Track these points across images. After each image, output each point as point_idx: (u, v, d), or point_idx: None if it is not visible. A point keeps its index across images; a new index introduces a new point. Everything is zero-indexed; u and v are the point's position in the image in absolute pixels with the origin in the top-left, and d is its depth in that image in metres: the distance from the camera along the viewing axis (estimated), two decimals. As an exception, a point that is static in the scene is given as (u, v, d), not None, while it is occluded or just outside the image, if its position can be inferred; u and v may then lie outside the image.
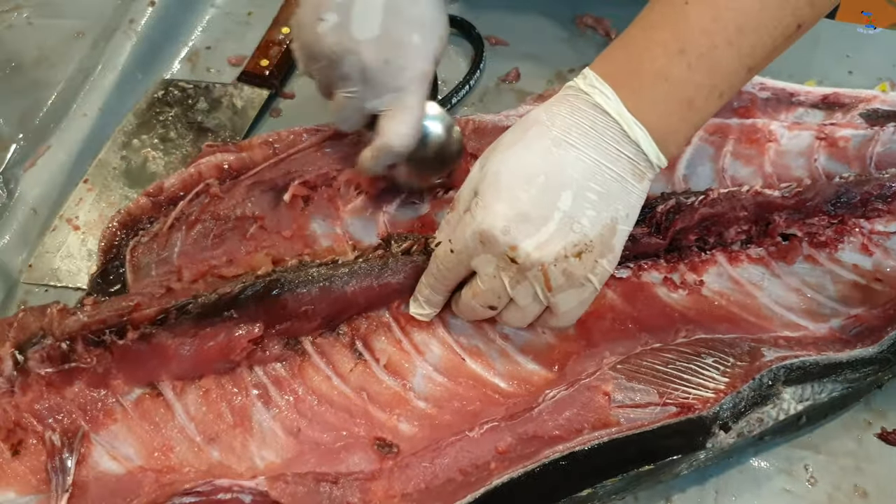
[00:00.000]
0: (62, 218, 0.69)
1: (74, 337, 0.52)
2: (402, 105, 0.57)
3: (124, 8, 0.81)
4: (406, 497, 0.47)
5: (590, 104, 0.50)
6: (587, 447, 0.49)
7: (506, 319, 0.54)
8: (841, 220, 0.65)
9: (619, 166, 0.50)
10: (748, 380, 0.52)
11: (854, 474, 0.56)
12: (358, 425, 0.53)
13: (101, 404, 0.52)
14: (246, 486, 0.48)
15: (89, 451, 0.51)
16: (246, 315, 0.53)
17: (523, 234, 0.49)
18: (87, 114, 0.74)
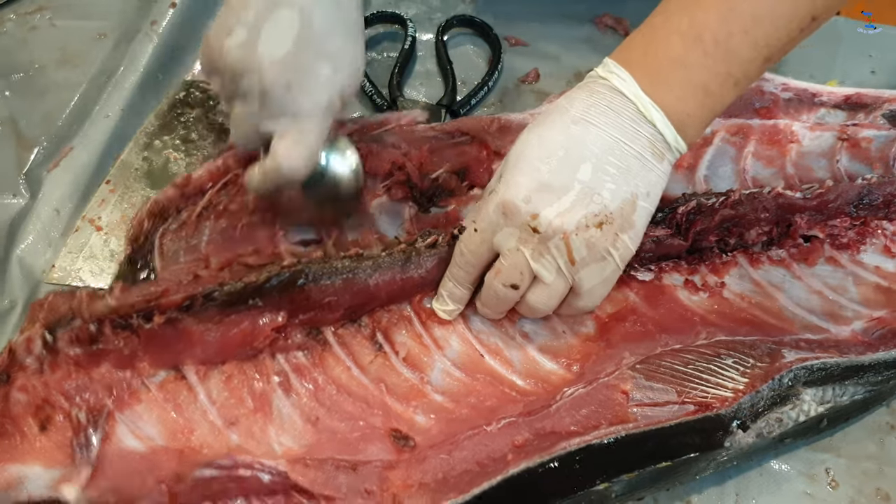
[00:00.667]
0: (85, 219, 0.70)
1: (102, 320, 0.54)
2: (297, 130, 0.55)
3: (146, 9, 0.82)
4: (424, 486, 0.48)
5: (608, 87, 0.52)
6: (604, 441, 0.49)
7: (531, 302, 0.54)
8: (863, 221, 0.65)
9: (637, 144, 0.51)
10: (768, 380, 0.52)
11: (876, 477, 0.57)
12: (375, 416, 0.54)
13: (126, 385, 0.54)
14: (266, 466, 0.49)
15: (113, 430, 0.53)
16: (270, 304, 0.55)
17: (545, 202, 0.51)
18: (109, 115, 0.75)
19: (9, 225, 0.69)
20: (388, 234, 0.64)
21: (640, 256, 0.62)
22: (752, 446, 0.53)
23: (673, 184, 0.68)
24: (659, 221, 0.62)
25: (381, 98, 0.76)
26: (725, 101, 0.53)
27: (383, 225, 0.65)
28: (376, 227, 0.64)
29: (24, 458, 0.50)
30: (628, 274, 0.62)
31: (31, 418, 0.52)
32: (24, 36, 0.82)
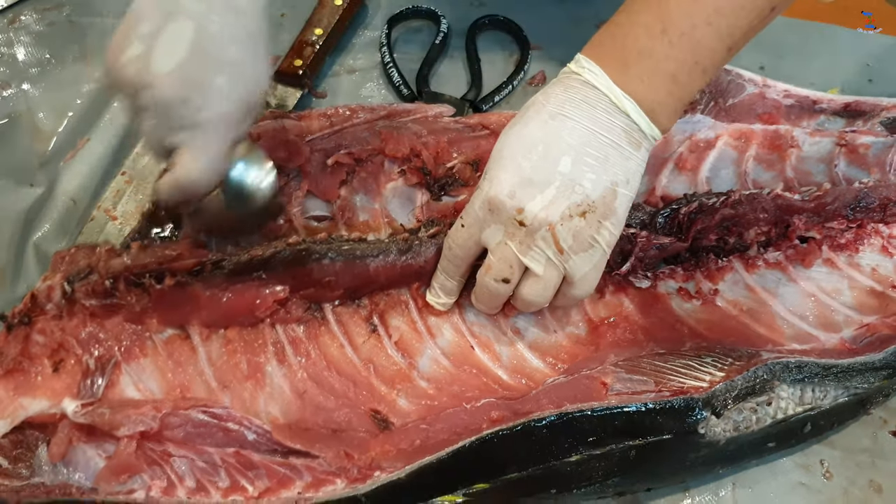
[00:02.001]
0: (100, 208, 0.73)
1: (118, 276, 0.59)
2: (196, 144, 0.56)
3: (161, 7, 0.85)
4: (401, 452, 0.52)
5: (581, 81, 0.56)
6: (577, 412, 0.53)
7: (525, 295, 0.56)
8: (860, 224, 0.68)
9: (613, 134, 0.55)
10: (743, 372, 0.55)
11: (869, 470, 0.60)
12: (360, 395, 0.58)
13: (135, 338, 0.59)
14: (254, 424, 0.55)
15: (118, 379, 0.58)
16: (274, 277, 0.59)
17: (528, 196, 0.54)
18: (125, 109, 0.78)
19: (25, 214, 0.73)
20: (399, 218, 0.68)
21: (644, 262, 0.65)
22: (733, 443, 0.56)
23: (676, 185, 0.72)
24: (662, 221, 0.65)
25: (407, 89, 0.80)
26: (694, 89, 0.56)
27: (395, 209, 0.68)
28: (387, 211, 0.68)
29: (34, 392, 0.56)
30: (626, 280, 0.65)
31: (46, 359, 0.57)
32: (42, 31, 0.85)
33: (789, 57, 0.82)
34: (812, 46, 0.83)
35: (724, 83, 0.77)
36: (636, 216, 0.66)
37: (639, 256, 0.64)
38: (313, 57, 0.81)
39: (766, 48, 0.83)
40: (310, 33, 0.83)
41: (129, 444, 0.53)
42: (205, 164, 0.56)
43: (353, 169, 0.69)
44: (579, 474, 0.54)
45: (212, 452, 0.55)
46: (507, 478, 0.52)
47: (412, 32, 0.87)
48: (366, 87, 0.82)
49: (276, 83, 0.81)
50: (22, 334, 0.58)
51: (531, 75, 0.83)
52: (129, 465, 0.53)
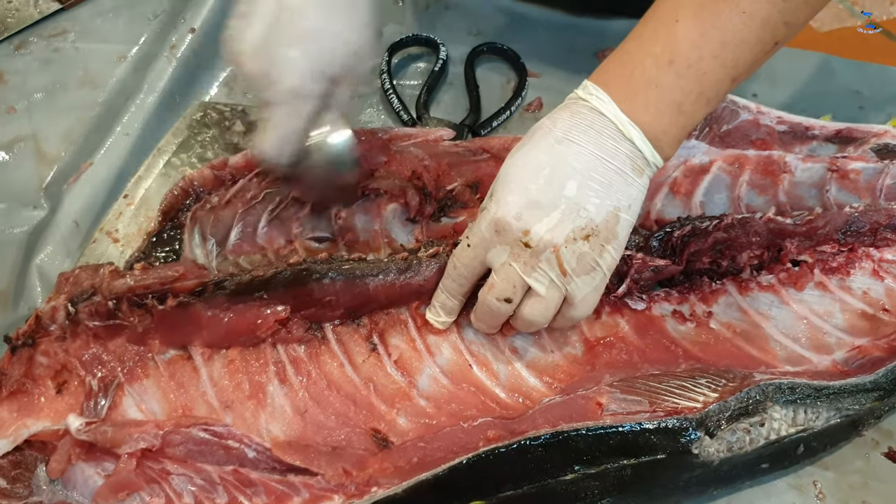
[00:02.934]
0: (102, 231, 0.76)
1: (121, 297, 0.61)
2: (271, 118, 0.61)
3: (165, 34, 0.89)
4: (399, 469, 0.54)
5: (588, 108, 0.58)
6: (572, 431, 0.55)
7: (527, 315, 0.58)
8: (851, 247, 0.70)
9: (618, 161, 0.57)
10: (736, 393, 0.57)
11: (862, 491, 0.61)
12: (360, 414, 0.60)
13: (138, 359, 0.61)
14: (254, 442, 0.56)
15: (121, 400, 0.60)
16: (275, 297, 0.61)
17: (534, 218, 0.56)
18: (128, 133, 0.82)
19: (28, 236, 0.75)
20: (400, 238, 0.71)
21: (639, 284, 0.67)
22: (727, 463, 0.57)
23: (671, 208, 0.74)
24: (655, 244, 0.67)
25: (407, 114, 0.84)
26: (697, 118, 0.59)
27: (395, 230, 0.71)
28: (387, 231, 0.71)
29: (38, 414, 0.58)
30: (622, 301, 0.67)
31: (49, 381, 0.59)
32: (47, 57, 0.88)
33: (781, 85, 0.85)
34: (804, 75, 0.86)
35: (719, 110, 0.80)
36: (632, 239, 0.68)
37: (634, 278, 0.66)
38: (314, 83, 0.83)
39: (758, 76, 0.86)
40: (311, 60, 0.85)
41: (128, 462, 0.55)
42: (274, 140, 0.61)
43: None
44: (574, 493, 0.55)
45: (210, 471, 0.56)
46: (503, 495, 0.54)
47: (412, 60, 0.90)
48: (366, 112, 0.85)
49: (277, 108, 0.83)
50: (26, 356, 0.60)
51: (528, 101, 0.86)
52: (128, 483, 0.54)
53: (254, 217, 0.71)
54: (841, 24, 1.01)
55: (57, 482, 0.55)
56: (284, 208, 0.71)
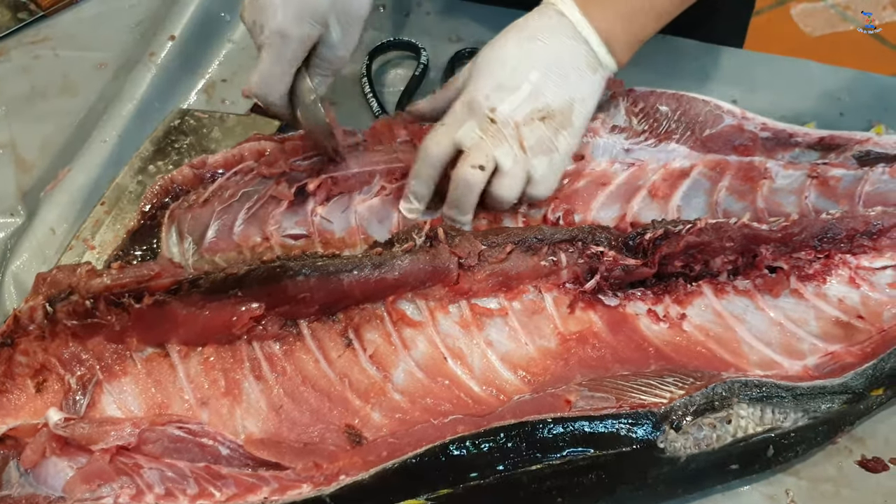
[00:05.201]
0: (79, 238, 0.81)
1: (98, 296, 0.65)
2: (259, 58, 0.73)
3: (145, 42, 0.94)
4: (368, 463, 0.58)
5: (555, 10, 0.75)
6: (537, 421, 0.59)
7: (497, 190, 0.73)
8: (827, 254, 0.74)
9: (576, 59, 0.74)
10: (702, 389, 0.62)
11: (834, 500, 0.65)
12: (334, 410, 0.64)
13: (116, 357, 0.66)
14: (227, 439, 0.61)
15: (99, 398, 0.64)
16: (250, 294, 0.66)
17: (500, 99, 0.73)
18: (106, 140, 0.86)
19: (4, 243, 0.80)
20: (376, 235, 0.76)
21: (610, 281, 0.71)
22: (694, 461, 0.61)
23: (648, 212, 0.79)
24: (627, 245, 0.71)
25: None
26: (648, 30, 0.76)
27: (371, 226, 0.77)
28: (363, 228, 0.76)
29: (17, 413, 0.63)
30: (595, 297, 0.71)
31: (28, 379, 0.64)
32: (27, 64, 0.93)
33: (762, 91, 0.88)
34: (783, 80, 0.90)
35: (702, 114, 0.84)
36: (604, 237, 0.72)
37: (604, 275, 0.72)
38: (292, 89, 0.87)
39: (739, 81, 0.90)
40: (290, 67, 0.89)
41: (102, 456, 0.59)
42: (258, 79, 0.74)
43: (332, 190, 0.78)
44: (539, 485, 0.59)
45: (182, 467, 0.60)
46: (468, 484, 0.58)
47: (392, 65, 0.94)
48: (345, 119, 0.88)
49: (254, 115, 0.87)
50: (5, 356, 0.65)
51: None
52: (100, 474, 0.59)
53: (231, 215, 0.76)
54: (832, 28, 1.04)
55: (28, 475, 0.59)
56: (261, 206, 0.77)
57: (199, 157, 0.79)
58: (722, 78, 0.92)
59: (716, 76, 0.93)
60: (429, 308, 0.70)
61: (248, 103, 0.90)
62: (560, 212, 0.79)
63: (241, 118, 0.89)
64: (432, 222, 0.75)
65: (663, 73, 0.90)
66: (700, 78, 0.93)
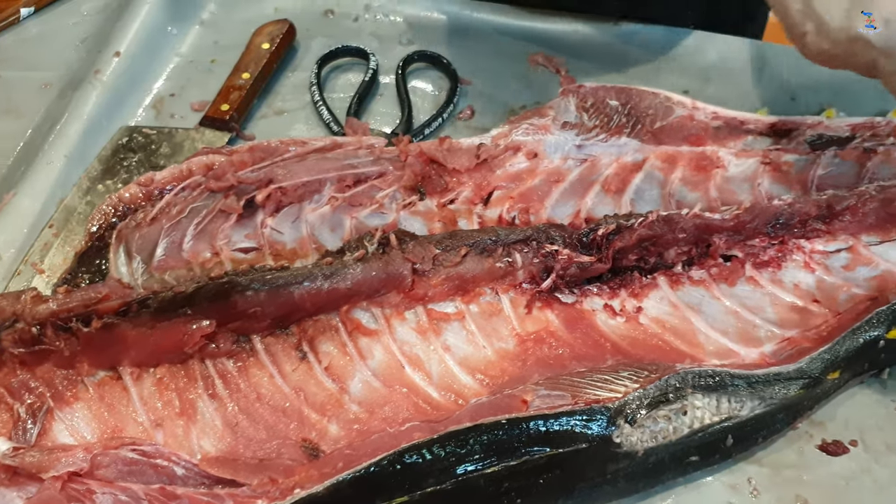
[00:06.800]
0: (27, 262, 0.80)
1: (44, 322, 0.65)
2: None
3: (90, 59, 0.94)
4: (325, 475, 0.58)
5: None
6: (491, 423, 0.59)
7: None
8: (781, 240, 0.75)
9: None
10: (656, 381, 0.62)
11: (796, 485, 0.66)
12: (290, 425, 0.65)
13: (66, 383, 0.66)
14: (182, 459, 0.61)
15: (51, 425, 0.64)
16: (200, 312, 0.66)
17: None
18: (52, 161, 0.86)
19: (-49, 271, 0.78)
20: (329, 244, 0.76)
21: (566, 280, 0.72)
22: (653, 454, 0.62)
23: (601, 207, 0.80)
24: (580, 242, 0.72)
25: (338, 125, 0.90)
26: None
27: (323, 236, 0.77)
28: (315, 238, 0.77)
29: None
30: (552, 296, 0.72)
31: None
32: (-30, 86, 0.92)
33: (714, 80, 0.90)
34: (735, 66, 0.91)
35: (652, 106, 0.86)
36: (558, 235, 0.73)
37: (560, 273, 0.73)
38: (241, 100, 0.89)
39: (689, 71, 0.91)
40: (237, 78, 0.91)
41: (52, 484, 0.59)
42: None
43: (281, 201, 0.78)
44: (497, 488, 0.60)
45: (136, 489, 0.60)
46: (424, 492, 0.58)
47: (342, 71, 0.95)
48: (295, 127, 0.91)
49: (203, 129, 0.88)
50: (-50, 388, 0.65)
51: (460, 109, 0.90)
52: (50, 502, 0.58)
53: (179, 232, 0.76)
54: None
55: (-28, 508, 0.58)
56: (210, 221, 0.77)
57: (147, 174, 0.79)
58: (673, 69, 0.93)
59: (667, 65, 0.94)
60: (384, 316, 0.71)
61: (197, 117, 0.90)
62: (515, 211, 0.80)
63: (191, 132, 0.89)
64: (384, 228, 0.75)
65: (614, 65, 0.92)
66: (653, 68, 0.94)
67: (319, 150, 0.81)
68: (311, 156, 0.81)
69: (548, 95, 0.89)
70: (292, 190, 0.78)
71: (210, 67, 0.96)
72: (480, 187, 0.81)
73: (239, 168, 0.80)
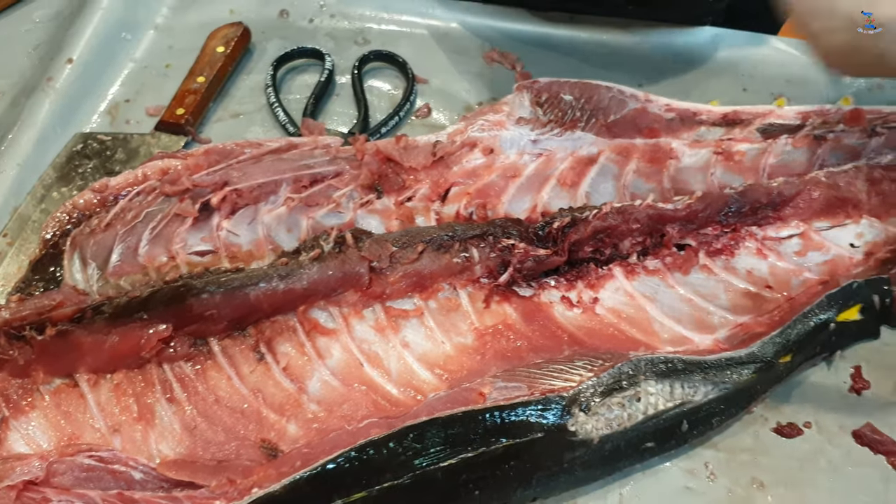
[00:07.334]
0: (-20, 273, 0.79)
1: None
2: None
3: (42, 66, 0.94)
4: (283, 474, 0.59)
5: None
6: (447, 416, 0.60)
7: None
8: (734, 228, 0.76)
9: None
10: (609, 369, 0.63)
11: (751, 468, 0.68)
12: (249, 426, 0.65)
13: (22, 392, 0.66)
14: (140, 463, 0.62)
15: (6, 435, 0.64)
16: (156, 316, 0.67)
17: None
18: (4, 170, 0.86)
19: None
20: (285, 244, 0.77)
21: (523, 273, 0.73)
22: (609, 442, 0.63)
23: (557, 201, 0.81)
24: (536, 235, 0.73)
25: (294, 126, 0.90)
26: None
27: (279, 236, 0.77)
28: (272, 238, 0.77)
29: None
30: (510, 289, 0.73)
31: None
32: (-79, 97, 0.92)
33: (667, 73, 0.92)
34: (687, 58, 0.93)
35: (606, 100, 0.87)
36: (514, 230, 0.74)
37: (517, 268, 0.74)
38: (196, 104, 0.89)
39: (644, 66, 0.92)
40: (192, 82, 0.91)
41: (7, 493, 0.59)
42: None
43: (237, 203, 0.78)
44: (455, 480, 0.61)
45: (93, 496, 0.60)
46: (382, 486, 0.59)
47: (298, 72, 0.96)
48: (251, 129, 0.91)
49: (159, 133, 0.88)
50: None
51: (417, 108, 0.91)
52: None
53: (135, 237, 0.76)
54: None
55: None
56: (166, 225, 0.77)
57: (101, 180, 0.79)
58: (626, 64, 0.94)
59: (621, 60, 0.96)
60: (342, 315, 0.72)
61: (152, 122, 0.90)
62: (472, 207, 0.81)
63: (146, 137, 0.89)
64: (341, 228, 0.76)
65: (570, 60, 0.93)
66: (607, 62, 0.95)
67: (275, 151, 0.82)
68: (266, 157, 0.82)
69: (504, 92, 0.90)
70: (248, 192, 0.79)
71: (165, 72, 0.96)
72: (438, 184, 0.82)
73: (194, 171, 0.80)
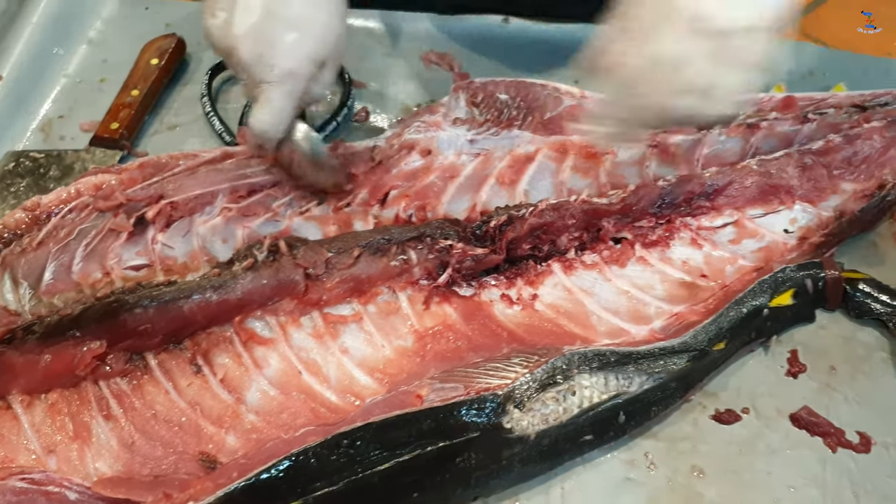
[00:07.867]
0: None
1: None
2: (265, 97, 0.71)
3: (-28, 84, 0.92)
4: (218, 485, 0.59)
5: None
6: (381, 419, 0.61)
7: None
8: (668, 220, 0.78)
9: None
10: (542, 366, 0.64)
11: (692, 455, 0.69)
12: (187, 440, 0.65)
13: None
14: (74, 483, 0.61)
15: None
16: (89, 333, 0.67)
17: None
18: (-65, 192, 0.84)
19: None
20: (221, 256, 0.77)
21: (462, 273, 0.73)
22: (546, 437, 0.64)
23: (496, 199, 0.82)
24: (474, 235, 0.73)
25: (230, 135, 0.90)
26: None
27: (215, 247, 0.77)
28: (207, 250, 0.77)
29: None
30: (450, 290, 0.73)
31: None
32: None
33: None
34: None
35: (542, 98, 0.88)
36: (451, 230, 0.74)
37: (456, 267, 0.74)
38: (131, 118, 0.89)
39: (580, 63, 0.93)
40: (126, 95, 0.91)
41: None
42: (267, 117, 0.71)
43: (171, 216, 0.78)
44: (392, 484, 0.61)
45: (28, 519, 0.60)
46: (318, 494, 0.59)
47: (234, 82, 0.95)
48: (189, 141, 0.91)
49: (93, 149, 0.87)
50: None
51: (355, 112, 0.91)
52: None
53: (68, 254, 0.76)
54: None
55: None
56: (100, 241, 0.77)
57: (33, 199, 0.79)
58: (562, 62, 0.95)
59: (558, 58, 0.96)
60: (279, 323, 0.72)
61: (87, 138, 0.90)
62: (412, 209, 0.81)
63: (81, 153, 0.88)
64: (275, 236, 0.76)
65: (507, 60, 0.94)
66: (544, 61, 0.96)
67: (210, 161, 0.82)
68: (201, 168, 0.82)
69: (443, 93, 0.90)
70: (183, 204, 0.79)
71: (99, 87, 0.96)
72: (377, 188, 0.83)
73: (128, 186, 0.79)
